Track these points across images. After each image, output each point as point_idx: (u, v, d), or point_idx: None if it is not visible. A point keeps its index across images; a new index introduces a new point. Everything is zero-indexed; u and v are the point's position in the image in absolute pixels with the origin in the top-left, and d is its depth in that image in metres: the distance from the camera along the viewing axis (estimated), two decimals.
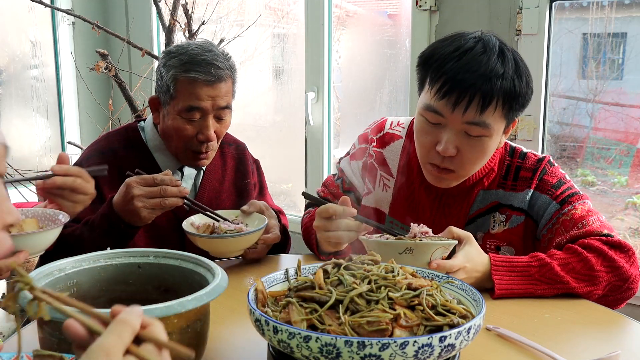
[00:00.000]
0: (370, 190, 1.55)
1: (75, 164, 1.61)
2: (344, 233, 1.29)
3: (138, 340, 0.57)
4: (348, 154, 1.63)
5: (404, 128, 1.55)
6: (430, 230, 1.27)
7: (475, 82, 1.26)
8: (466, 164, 1.34)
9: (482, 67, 1.27)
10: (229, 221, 1.48)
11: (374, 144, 1.55)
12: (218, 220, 1.48)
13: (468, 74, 1.26)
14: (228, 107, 1.57)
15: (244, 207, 1.53)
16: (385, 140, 1.54)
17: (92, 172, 1.30)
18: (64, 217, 1.18)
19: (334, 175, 1.65)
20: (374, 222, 1.37)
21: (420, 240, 1.21)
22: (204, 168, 1.68)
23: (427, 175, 1.42)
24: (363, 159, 1.57)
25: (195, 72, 1.49)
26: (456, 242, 1.25)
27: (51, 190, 1.23)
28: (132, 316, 0.57)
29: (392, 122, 1.57)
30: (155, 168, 1.61)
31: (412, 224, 1.28)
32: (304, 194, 1.47)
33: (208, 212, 1.50)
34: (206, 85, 1.50)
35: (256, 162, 1.83)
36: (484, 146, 1.33)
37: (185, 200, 1.41)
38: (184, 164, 1.63)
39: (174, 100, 1.52)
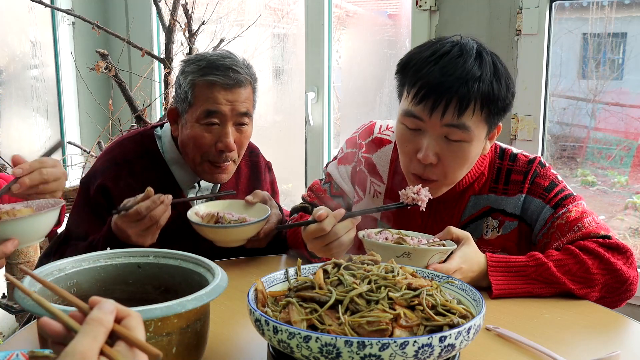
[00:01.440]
0: (361, 198, 1.53)
1: (88, 175, 1.58)
2: (343, 238, 1.25)
3: (113, 335, 0.58)
4: (335, 158, 1.61)
5: (393, 132, 1.52)
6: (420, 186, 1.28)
7: (452, 86, 1.25)
8: (448, 172, 1.33)
9: (458, 70, 1.26)
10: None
11: (363, 149, 1.53)
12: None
13: (444, 77, 1.26)
14: (248, 114, 1.52)
15: (248, 197, 1.52)
16: (374, 145, 1.52)
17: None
18: (59, 204, 1.13)
19: (321, 180, 1.62)
20: (362, 210, 1.37)
21: (419, 245, 1.21)
22: None
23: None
24: (352, 164, 1.55)
25: (214, 75, 1.46)
26: (455, 246, 1.25)
27: (26, 192, 1.16)
28: (106, 315, 0.58)
29: (380, 125, 1.55)
30: (172, 182, 1.57)
31: (401, 192, 1.27)
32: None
33: (195, 201, 1.49)
34: (224, 89, 1.47)
35: (268, 164, 1.80)
36: (464, 152, 1.31)
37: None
38: (202, 178, 1.59)
39: (192, 108, 1.49)
